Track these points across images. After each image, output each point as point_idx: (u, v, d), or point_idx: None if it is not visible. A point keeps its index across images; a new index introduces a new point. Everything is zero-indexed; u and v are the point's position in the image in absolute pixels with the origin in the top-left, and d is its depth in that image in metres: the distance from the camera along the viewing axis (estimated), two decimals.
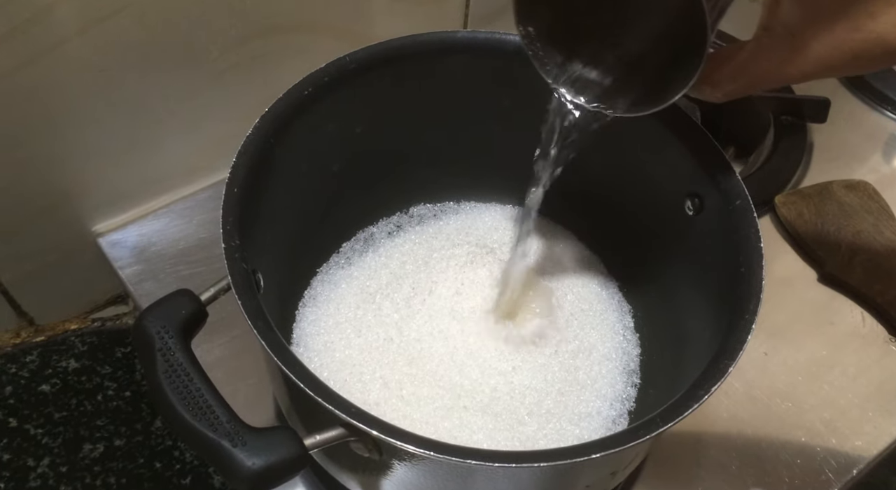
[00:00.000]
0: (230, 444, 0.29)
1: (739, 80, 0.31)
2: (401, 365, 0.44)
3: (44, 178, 0.49)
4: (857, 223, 0.56)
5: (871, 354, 0.52)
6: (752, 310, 0.33)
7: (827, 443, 0.48)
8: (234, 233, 0.34)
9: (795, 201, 0.58)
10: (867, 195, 0.59)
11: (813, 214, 0.57)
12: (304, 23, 0.52)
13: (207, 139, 0.55)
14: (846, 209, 0.57)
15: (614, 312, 0.49)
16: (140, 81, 0.47)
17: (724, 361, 0.31)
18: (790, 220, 0.57)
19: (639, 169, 0.45)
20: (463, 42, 0.44)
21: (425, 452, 0.29)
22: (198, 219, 0.56)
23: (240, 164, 0.37)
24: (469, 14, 0.63)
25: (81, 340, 0.56)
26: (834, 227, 0.56)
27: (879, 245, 0.55)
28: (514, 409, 0.43)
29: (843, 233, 0.56)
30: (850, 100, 0.69)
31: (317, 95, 0.40)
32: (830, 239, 0.56)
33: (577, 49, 0.37)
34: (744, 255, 0.35)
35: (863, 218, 0.57)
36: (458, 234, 0.51)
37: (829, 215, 0.57)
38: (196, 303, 0.33)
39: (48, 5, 0.40)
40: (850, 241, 0.55)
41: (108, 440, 0.52)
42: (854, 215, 0.57)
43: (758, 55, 0.30)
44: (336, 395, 0.30)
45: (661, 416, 0.30)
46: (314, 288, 0.48)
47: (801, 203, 0.58)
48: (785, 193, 0.59)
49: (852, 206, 0.57)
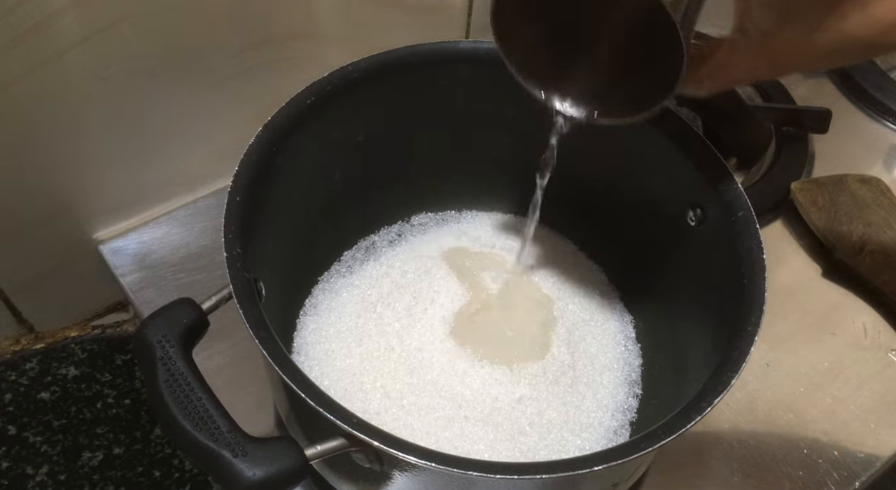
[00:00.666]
0: (231, 454, 0.29)
1: (719, 78, 0.32)
2: (402, 374, 0.44)
3: (45, 184, 0.49)
4: (868, 215, 0.58)
5: (873, 366, 0.52)
6: (755, 322, 0.33)
7: (829, 455, 0.47)
8: (236, 242, 0.34)
9: (811, 189, 0.59)
10: (880, 191, 0.60)
11: (827, 202, 0.58)
12: (306, 32, 0.52)
13: (209, 147, 0.55)
14: (859, 201, 0.59)
15: (616, 322, 0.49)
16: (142, 90, 0.48)
17: (727, 374, 0.31)
18: (805, 205, 0.58)
19: (641, 179, 0.45)
20: (465, 52, 0.44)
21: (427, 463, 0.29)
22: (199, 226, 0.56)
23: (242, 173, 0.37)
24: (471, 23, 0.63)
25: (81, 348, 0.56)
26: (846, 216, 0.57)
27: (889, 238, 0.56)
28: (516, 419, 0.43)
29: (854, 223, 0.57)
30: (851, 110, 0.69)
31: (320, 104, 0.40)
32: (843, 227, 0.57)
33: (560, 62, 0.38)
34: (746, 267, 0.35)
35: (874, 211, 0.58)
36: (459, 243, 0.51)
37: (843, 205, 0.58)
38: (197, 312, 0.33)
39: (51, 15, 0.40)
40: (861, 231, 0.57)
41: (107, 448, 0.52)
42: (866, 208, 0.58)
43: (733, 55, 0.31)
44: (338, 406, 0.30)
45: (664, 428, 0.30)
46: (315, 296, 0.48)
47: (816, 191, 0.59)
48: (801, 181, 0.60)
49: (865, 199, 0.59)
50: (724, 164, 0.39)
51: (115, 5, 0.42)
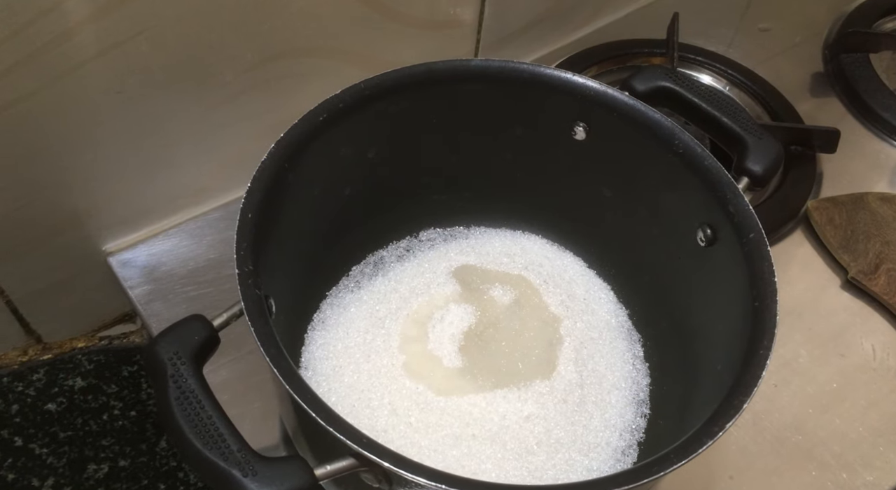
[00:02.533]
0: (241, 473, 0.29)
1: None
2: (409, 391, 0.44)
3: (56, 196, 0.49)
4: (888, 233, 0.57)
5: (882, 388, 0.51)
6: (767, 345, 0.33)
7: (837, 477, 0.47)
8: (248, 258, 0.34)
9: (828, 207, 0.59)
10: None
11: (844, 220, 0.58)
12: (318, 47, 0.53)
13: (219, 160, 0.55)
14: (878, 219, 0.58)
15: (624, 341, 0.48)
16: (155, 103, 0.48)
17: (739, 398, 0.31)
18: (820, 224, 0.58)
19: (651, 198, 0.45)
20: (477, 70, 0.44)
21: (437, 485, 0.28)
22: (208, 239, 0.56)
23: (254, 190, 0.37)
24: (480, 40, 0.63)
25: (88, 359, 0.56)
26: (863, 234, 0.57)
27: None
28: (523, 438, 0.42)
29: (872, 241, 0.57)
30: (859, 129, 0.69)
31: (332, 121, 0.41)
32: (859, 245, 0.57)
33: None
34: (757, 290, 0.35)
35: (894, 229, 0.57)
36: (467, 260, 0.51)
37: (861, 223, 0.58)
38: (209, 329, 0.33)
39: (69, 30, 0.41)
40: (878, 249, 0.56)
41: (112, 460, 0.52)
42: (885, 226, 0.58)
43: None
44: (347, 425, 0.30)
45: (676, 451, 0.30)
46: (323, 311, 0.48)
47: (833, 209, 0.59)
48: (818, 200, 0.60)
49: (885, 218, 0.58)
50: (735, 185, 0.39)
51: (131, 20, 0.42)
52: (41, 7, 0.39)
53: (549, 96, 0.44)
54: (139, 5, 0.42)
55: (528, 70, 0.44)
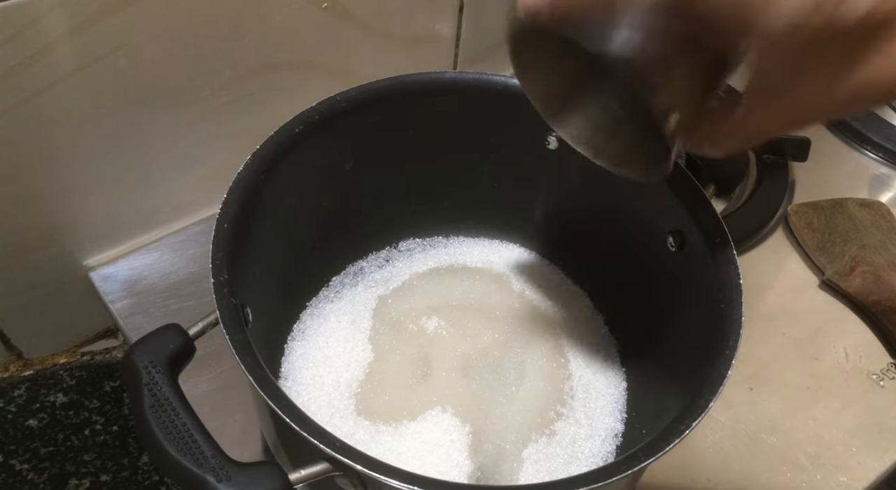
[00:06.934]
0: (215, 479, 0.29)
1: (736, 138, 0.31)
2: (389, 399, 0.44)
3: (36, 212, 0.49)
4: (865, 237, 0.58)
5: (855, 390, 0.52)
6: (732, 345, 0.33)
7: (812, 478, 0.48)
8: (224, 267, 0.35)
9: (807, 211, 0.60)
10: (880, 214, 0.61)
11: (822, 224, 0.59)
12: (296, 62, 0.54)
13: (199, 174, 0.55)
14: (856, 223, 0.59)
15: (601, 346, 0.49)
16: (134, 118, 0.48)
17: (706, 397, 0.32)
18: (799, 227, 0.59)
19: (623, 205, 0.46)
20: (451, 83, 0.45)
21: (410, 488, 0.29)
22: (189, 253, 0.56)
23: (230, 201, 0.37)
24: (458, 54, 0.65)
25: (70, 374, 0.56)
26: (841, 238, 0.58)
27: (883, 260, 0.57)
28: (501, 443, 0.43)
29: (849, 244, 0.58)
30: (830, 139, 0.70)
31: (308, 133, 0.41)
32: (836, 248, 0.57)
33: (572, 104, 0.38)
34: (723, 292, 0.36)
35: (871, 233, 0.58)
36: (446, 268, 0.52)
37: (839, 227, 0.59)
38: (184, 337, 0.34)
39: (48, 46, 0.41)
40: (854, 252, 0.57)
41: (94, 475, 0.52)
42: (863, 230, 0.59)
43: (750, 115, 0.30)
44: (321, 430, 0.30)
45: (643, 450, 0.30)
46: (303, 321, 0.48)
47: (812, 213, 0.60)
48: (798, 204, 0.62)
49: (863, 222, 0.59)
50: (703, 191, 0.40)
51: (109, 36, 0.43)
52: (20, 24, 0.40)
53: (522, 107, 0.45)
54: (117, 21, 0.43)
55: (501, 82, 0.45)
